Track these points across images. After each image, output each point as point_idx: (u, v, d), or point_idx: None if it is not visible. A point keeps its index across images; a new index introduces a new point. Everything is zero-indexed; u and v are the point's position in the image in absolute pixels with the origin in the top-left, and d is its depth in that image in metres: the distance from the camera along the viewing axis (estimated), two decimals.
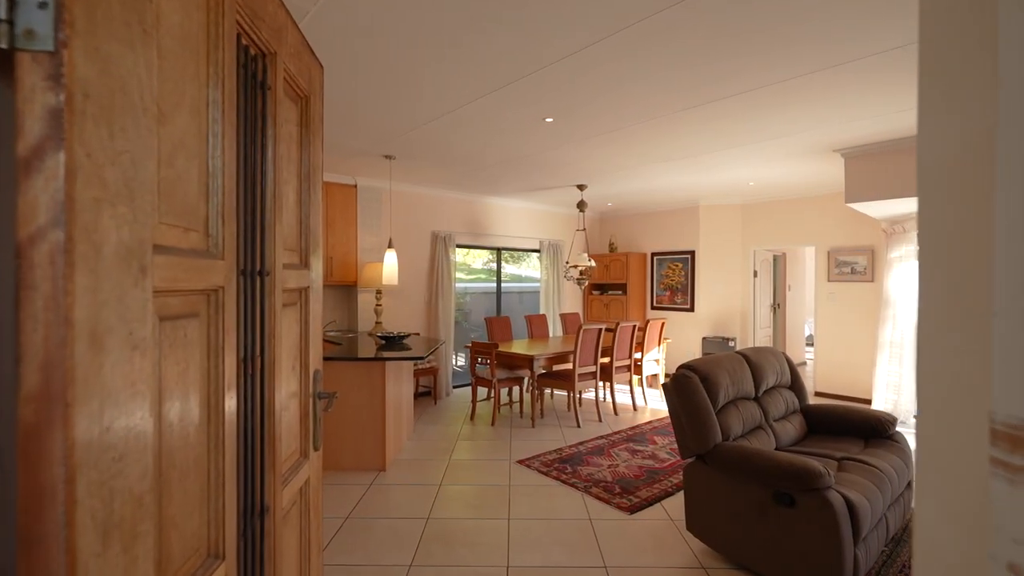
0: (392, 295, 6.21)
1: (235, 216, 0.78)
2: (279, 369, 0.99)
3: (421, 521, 3.04)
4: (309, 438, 1.17)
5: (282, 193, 1.00)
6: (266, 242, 0.93)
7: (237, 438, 0.81)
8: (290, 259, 1.07)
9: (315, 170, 1.19)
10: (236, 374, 0.80)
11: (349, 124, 3.90)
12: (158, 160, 0.60)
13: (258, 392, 0.92)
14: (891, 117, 3.69)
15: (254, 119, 0.89)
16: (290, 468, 1.08)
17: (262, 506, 0.92)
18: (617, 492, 3.44)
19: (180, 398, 0.65)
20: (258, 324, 0.91)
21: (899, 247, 5.28)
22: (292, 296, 1.09)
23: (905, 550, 2.66)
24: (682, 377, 2.75)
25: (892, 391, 5.34)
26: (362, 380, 3.92)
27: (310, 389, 1.17)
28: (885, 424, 3.10)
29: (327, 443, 3.89)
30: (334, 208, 5.69)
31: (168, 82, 0.62)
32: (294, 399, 1.11)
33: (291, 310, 1.08)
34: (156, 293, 0.58)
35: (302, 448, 1.15)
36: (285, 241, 1.04)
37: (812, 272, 7.64)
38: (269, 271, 0.94)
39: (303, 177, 1.14)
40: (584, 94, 3.24)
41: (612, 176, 5.70)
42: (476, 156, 4.85)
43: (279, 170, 0.97)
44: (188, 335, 0.67)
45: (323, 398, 1.21)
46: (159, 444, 0.60)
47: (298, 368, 1.13)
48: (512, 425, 5.12)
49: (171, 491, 0.63)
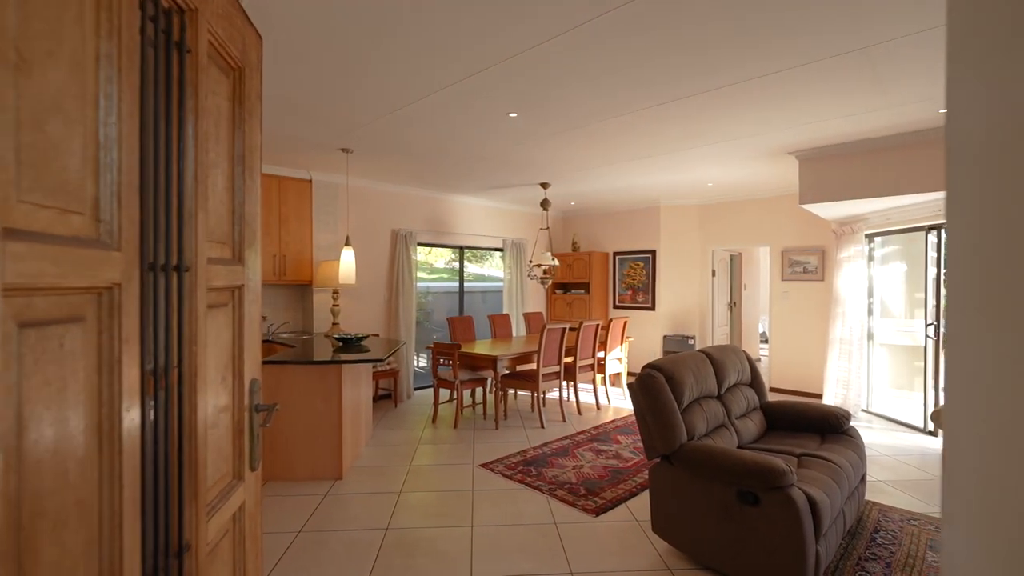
0: (350, 295, 5.97)
1: (138, 199, 0.65)
2: (204, 381, 0.85)
3: (380, 532, 2.89)
4: (244, 457, 1.03)
5: (207, 176, 0.86)
6: (185, 232, 0.79)
7: (143, 467, 0.67)
8: (218, 253, 0.93)
9: (251, 152, 1.05)
10: (141, 390, 0.66)
11: (303, 114, 3.68)
12: (16, 121, 0.46)
13: (175, 409, 0.78)
14: (844, 120, 3.81)
15: (168, 86, 0.75)
16: (219, 494, 0.94)
17: (180, 544, 0.78)
18: (582, 494, 3.39)
19: (53, 425, 0.51)
20: (175, 329, 0.77)
21: (848, 247, 5.49)
22: (221, 296, 0.95)
23: (861, 542, 2.72)
24: (648, 377, 2.72)
25: (842, 386, 5.56)
26: (317, 385, 3.72)
27: (245, 401, 1.03)
28: (840, 419, 3.17)
29: (278, 453, 3.66)
30: (288, 204, 5.41)
31: (34, 21, 0.49)
32: (225, 414, 0.97)
33: (220, 312, 0.94)
34: (9, 291, 0.44)
35: (235, 470, 1.01)
36: (211, 232, 0.89)
37: (767, 271, 7.89)
38: (189, 266, 0.80)
39: (236, 160, 1.00)
40: (548, 89, 3.16)
41: (576, 174, 5.68)
42: (438, 151, 4.70)
43: (203, 149, 0.83)
44: (67, 345, 0.53)
45: (262, 411, 1.07)
46: (17, 490, 0.46)
47: (230, 378, 0.98)
48: (475, 427, 5.01)
49: (38, 548, 0.49)
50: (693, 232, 7.43)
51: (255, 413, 1.05)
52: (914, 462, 4.03)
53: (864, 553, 2.62)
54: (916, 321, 5.16)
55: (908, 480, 3.65)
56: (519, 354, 5.14)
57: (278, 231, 5.34)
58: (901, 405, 5.39)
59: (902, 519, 3.00)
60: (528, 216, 8.16)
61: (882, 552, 2.62)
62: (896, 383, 5.65)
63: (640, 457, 4.10)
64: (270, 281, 5.28)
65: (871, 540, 2.75)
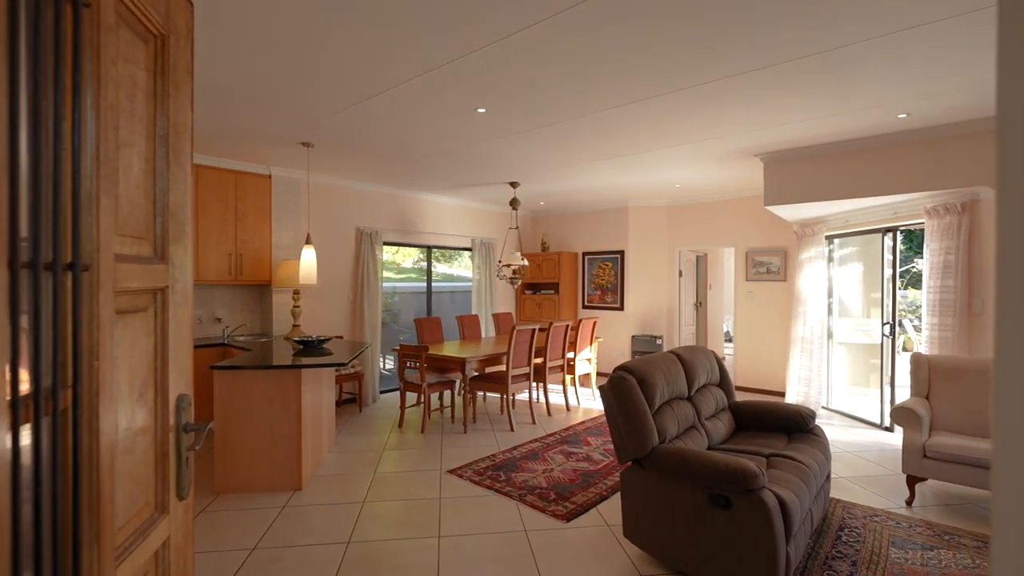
0: (312, 295, 5.73)
1: (7, 179, 0.52)
2: (111, 400, 0.71)
3: (340, 546, 2.74)
4: (170, 485, 0.89)
5: (115, 157, 0.72)
6: (83, 223, 0.66)
7: (15, 509, 0.54)
8: (133, 249, 0.79)
9: (178, 133, 0.91)
10: (12, 417, 0.53)
11: (260, 104, 3.47)
12: None
13: (69, 437, 0.64)
14: (807, 124, 3.87)
15: (57, 45, 0.61)
16: (135, 532, 0.80)
17: None
18: (552, 499, 3.32)
19: None
20: (69, 340, 0.64)
21: (809, 248, 5.63)
22: (138, 299, 0.81)
23: (827, 541, 2.75)
24: (619, 379, 2.66)
25: (803, 384, 5.69)
26: (274, 390, 3.51)
27: (171, 421, 0.90)
28: (806, 419, 3.21)
29: (233, 463, 3.44)
30: (245, 199, 5.14)
31: None
32: (144, 436, 0.83)
33: (136, 318, 0.80)
34: None
35: (158, 500, 0.87)
36: (123, 224, 0.76)
37: (731, 272, 8.04)
38: (88, 264, 0.66)
39: (159, 140, 0.86)
40: (518, 84, 3.08)
41: (545, 174, 5.61)
42: (404, 147, 4.55)
43: (108, 124, 0.70)
44: None
45: (191, 431, 0.93)
46: None
47: (150, 395, 0.85)
48: (443, 432, 4.88)
49: None
50: (661, 233, 7.50)
51: (183, 434, 0.91)
52: (873, 457, 4.14)
53: (831, 552, 2.63)
54: (873, 320, 5.33)
55: (868, 476, 3.74)
56: (488, 355, 5.03)
57: (235, 228, 5.07)
58: (859, 402, 5.56)
59: (865, 516, 3.05)
60: (497, 215, 8.07)
61: (847, 550, 2.65)
62: (854, 380, 5.83)
63: (610, 459, 4.06)
64: (225, 281, 5.01)
65: (836, 538, 2.77)
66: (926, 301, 4.30)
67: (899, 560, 2.54)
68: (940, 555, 2.59)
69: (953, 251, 4.10)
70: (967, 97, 3.30)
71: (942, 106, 3.47)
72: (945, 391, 3.52)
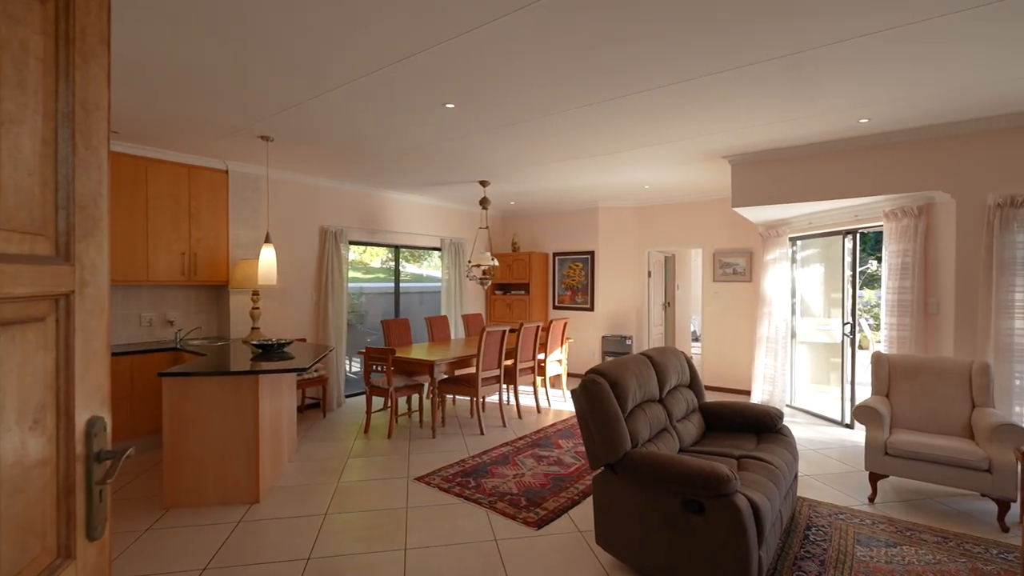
0: (273, 296, 5.47)
1: None
2: None
3: (300, 563, 2.58)
4: (76, 525, 0.76)
5: None
6: None
7: None
8: (23, 247, 0.66)
9: (90, 112, 0.78)
10: None
11: (213, 94, 3.25)
12: None
13: None
14: (773, 127, 3.92)
15: None
16: None
17: None
18: (523, 505, 3.24)
19: None
20: None
21: (773, 250, 5.74)
22: (29, 307, 0.67)
23: (795, 541, 2.76)
24: (592, 383, 2.60)
25: (768, 383, 5.80)
26: (230, 397, 3.31)
27: (78, 449, 0.76)
28: (774, 419, 3.23)
29: (185, 476, 3.22)
30: (200, 196, 4.86)
31: None
32: (40, 469, 0.70)
33: (27, 330, 0.67)
34: None
35: (61, 544, 0.74)
36: (8, 217, 0.63)
37: (698, 272, 8.16)
38: None
39: (61, 118, 0.73)
40: (487, 79, 2.98)
41: (515, 173, 5.53)
42: (369, 143, 4.38)
43: None
44: None
45: (107, 459, 0.80)
46: None
47: (50, 420, 0.71)
48: (411, 437, 4.73)
49: None
50: (630, 233, 7.53)
51: (95, 463, 0.78)
52: (835, 454, 4.23)
53: (799, 552, 2.65)
54: (833, 320, 5.47)
55: (832, 473, 3.81)
56: (458, 358, 4.92)
57: (188, 226, 4.78)
58: (820, 400, 5.70)
59: (830, 514, 3.09)
60: (467, 215, 7.95)
61: (815, 550, 2.66)
62: (815, 379, 5.98)
63: (582, 462, 4.01)
64: (178, 282, 4.72)
65: (804, 538, 2.79)
66: (885, 301, 4.43)
67: (865, 559, 2.57)
68: (903, 551, 2.64)
69: (910, 253, 4.23)
70: (926, 104, 3.40)
71: (901, 112, 3.56)
72: (904, 389, 3.62)
